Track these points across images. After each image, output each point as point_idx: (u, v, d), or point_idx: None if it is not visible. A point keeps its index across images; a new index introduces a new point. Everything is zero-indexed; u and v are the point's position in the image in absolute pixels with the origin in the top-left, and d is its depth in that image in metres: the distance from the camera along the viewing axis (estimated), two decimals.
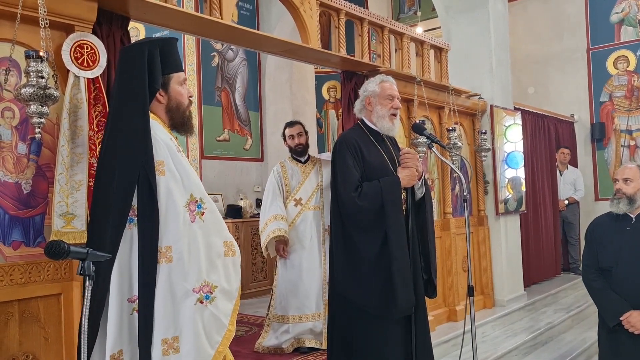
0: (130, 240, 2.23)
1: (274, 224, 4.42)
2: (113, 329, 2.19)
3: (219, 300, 2.28)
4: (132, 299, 2.23)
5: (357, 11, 4.77)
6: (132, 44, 2.39)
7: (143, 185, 2.22)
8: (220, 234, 2.37)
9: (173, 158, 2.31)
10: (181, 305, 2.21)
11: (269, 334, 4.49)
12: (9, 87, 2.66)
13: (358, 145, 3.29)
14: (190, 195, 2.30)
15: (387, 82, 3.41)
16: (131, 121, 2.29)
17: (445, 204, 5.71)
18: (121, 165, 2.25)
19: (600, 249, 3.64)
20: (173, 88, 2.44)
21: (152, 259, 2.20)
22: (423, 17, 10.41)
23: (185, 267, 2.23)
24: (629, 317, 3.42)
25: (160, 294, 2.19)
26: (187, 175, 2.32)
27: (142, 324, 2.18)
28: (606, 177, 8.84)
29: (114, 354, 2.20)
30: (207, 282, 2.27)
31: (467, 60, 6.41)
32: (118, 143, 2.29)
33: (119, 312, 2.21)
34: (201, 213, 2.32)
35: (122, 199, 2.23)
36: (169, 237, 2.23)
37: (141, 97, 2.31)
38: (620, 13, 8.87)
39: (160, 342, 2.19)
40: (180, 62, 2.54)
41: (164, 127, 2.41)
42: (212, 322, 2.26)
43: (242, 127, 8.25)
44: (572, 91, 9.19)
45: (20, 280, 2.64)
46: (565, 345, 5.78)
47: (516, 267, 6.56)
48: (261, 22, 8.57)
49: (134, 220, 2.23)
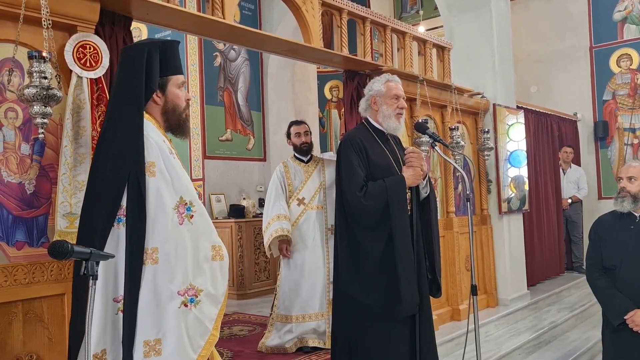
0: (117, 239, 2.22)
1: (276, 223, 4.42)
2: (97, 328, 2.17)
3: (204, 304, 2.26)
4: (118, 299, 2.22)
5: (359, 10, 4.76)
6: (133, 43, 2.39)
7: (133, 186, 2.21)
8: (209, 238, 2.35)
9: (164, 159, 2.29)
10: (165, 307, 2.19)
11: (272, 334, 4.50)
12: (12, 88, 2.66)
13: (363, 144, 3.28)
14: (180, 198, 2.29)
15: (393, 81, 3.41)
16: (125, 120, 2.29)
17: (448, 203, 5.71)
18: (112, 164, 2.25)
19: (604, 247, 3.63)
20: (170, 90, 2.43)
21: (138, 260, 2.18)
22: (425, 16, 10.41)
23: (171, 269, 2.21)
24: (634, 316, 3.41)
25: (144, 295, 2.17)
26: (177, 178, 2.31)
27: (126, 324, 2.17)
28: (609, 176, 8.83)
29: (97, 353, 2.18)
30: (193, 285, 2.24)
31: (469, 59, 6.40)
32: (111, 142, 2.29)
33: (103, 311, 2.19)
34: (190, 216, 2.29)
35: (111, 198, 2.22)
36: (156, 239, 2.21)
37: (136, 97, 2.31)
38: (623, 11, 8.85)
39: (142, 344, 2.17)
40: (180, 64, 2.54)
41: (158, 128, 2.40)
42: (196, 326, 2.24)
43: (245, 127, 8.25)
44: (575, 90, 9.18)
45: (24, 280, 2.64)
46: (569, 344, 5.77)
47: (519, 266, 6.55)
48: (263, 21, 8.56)
49: (122, 220, 2.22)
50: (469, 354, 3.61)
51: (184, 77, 2.52)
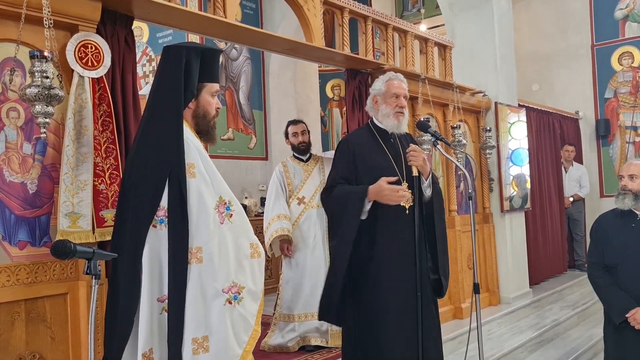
0: (160, 240, 2.26)
1: (277, 223, 4.43)
2: (144, 327, 2.23)
3: (246, 300, 2.33)
4: (162, 299, 2.27)
5: (361, 9, 4.76)
6: (177, 45, 2.42)
7: (173, 187, 2.26)
8: (248, 236, 2.42)
9: (203, 161, 2.36)
10: (211, 305, 2.25)
11: (275, 333, 4.50)
12: (13, 88, 2.67)
13: (353, 148, 3.33)
14: (219, 197, 2.35)
15: (395, 79, 3.39)
16: (165, 122, 2.33)
17: (450, 202, 5.70)
18: (153, 165, 2.29)
19: (605, 245, 3.63)
20: (203, 97, 2.48)
21: (183, 260, 2.23)
22: (427, 15, 10.40)
23: (215, 268, 2.27)
24: (635, 314, 3.41)
25: (191, 293, 2.23)
26: (215, 178, 2.38)
27: (172, 323, 2.22)
28: (611, 174, 8.81)
29: (145, 352, 2.24)
30: (236, 283, 2.31)
31: (471, 58, 6.40)
32: (150, 143, 2.33)
33: (149, 311, 2.25)
34: (230, 215, 2.36)
35: (150, 199, 2.27)
36: (200, 238, 2.26)
37: (176, 100, 2.35)
38: (625, 9, 8.84)
39: (190, 341, 2.22)
40: (218, 73, 2.60)
41: (191, 130, 2.45)
42: (240, 322, 2.31)
43: (247, 126, 8.26)
44: (576, 88, 9.16)
45: (26, 280, 2.65)
46: (571, 342, 5.77)
47: (522, 264, 6.55)
48: (265, 20, 8.56)
49: (164, 221, 2.27)
50: (472, 352, 3.61)
51: (218, 86, 2.57)
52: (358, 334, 3.24)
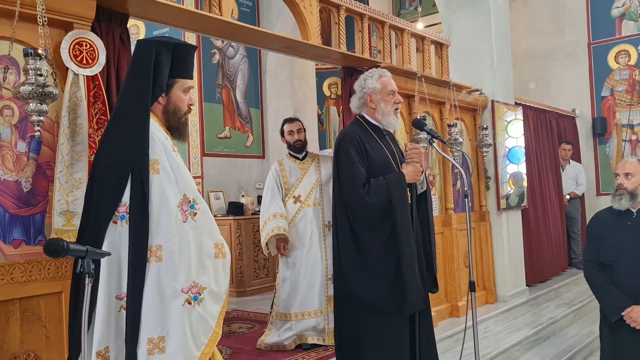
0: (120, 236, 2.21)
1: (273, 222, 4.42)
2: (100, 325, 2.17)
3: (207, 301, 2.27)
4: (121, 297, 2.22)
5: (357, 7, 4.75)
6: (148, 39, 2.38)
7: (135, 183, 2.21)
8: (212, 235, 2.36)
9: (168, 157, 2.30)
10: (169, 305, 2.20)
11: (271, 332, 4.50)
12: (7, 86, 2.66)
13: (361, 140, 3.25)
14: (183, 195, 2.29)
15: (386, 76, 3.37)
16: (131, 117, 2.28)
17: (446, 200, 5.70)
18: (116, 159, 2.24)
19: (601, 243, 3.63)
20: (175, 92, 2.43)
21: (142, 257, 2.18)
22: (424, 13, 10.40)
23: (175, 267, 2.21)
24: (631, 312, 3.41)
25: (148, 292, 2.18)
26: (181, 175, 2.31)
27: (130, 321, 2.17)
28: (608, 172, 8.83)
29: (100, 350, 2.18)
30: (197, 283, 2.25)
31: (468, 56, 6.39)
32: (116, 137, 2.29)
33: (106, 309, 2.19)
34: (193, 213, 2.30)
35: (111, 194, 2.22)
36: (160, 236, 2.21)
37: (143, 95, 2.30)
38: (621, 7, 8.84)
39: (146, 341, 2.17)
40: (191, 69, 2.53)
41: (161, 126, 2.40)
42: (199, 323, 2.25)
43: (243, 124, 8.25)
44: (573, 86, 9.17)
45: (21, 278, 2.64)
46: (567, 340, 5.78)
47: (518, 262, 6.55)
48: (261, 18, 8.55)
49: (125, 217, 2.21)
50: (468, 350, 3.61)
51: (192, 83, 2.51)
52: (354, 332, 3.23)
